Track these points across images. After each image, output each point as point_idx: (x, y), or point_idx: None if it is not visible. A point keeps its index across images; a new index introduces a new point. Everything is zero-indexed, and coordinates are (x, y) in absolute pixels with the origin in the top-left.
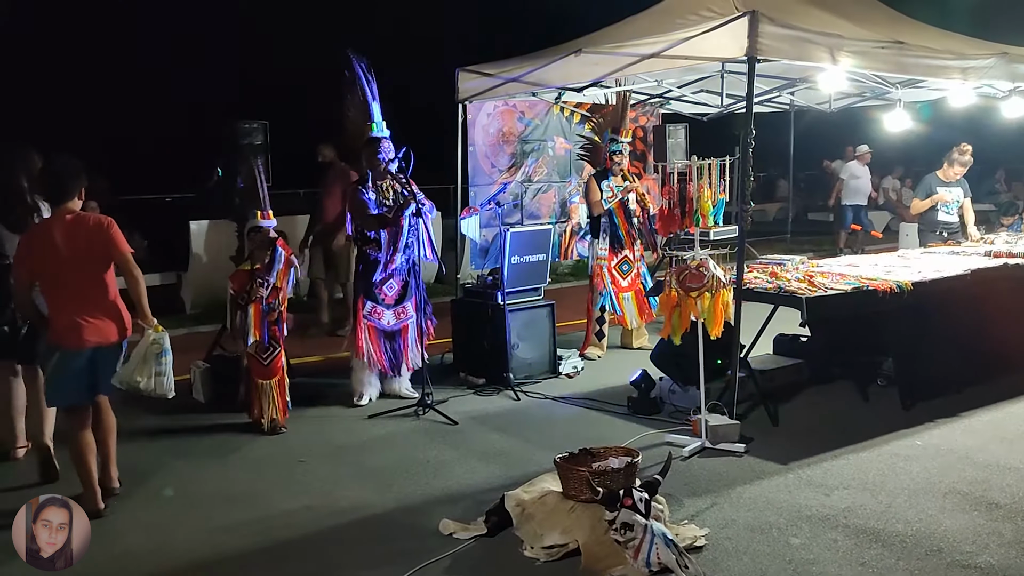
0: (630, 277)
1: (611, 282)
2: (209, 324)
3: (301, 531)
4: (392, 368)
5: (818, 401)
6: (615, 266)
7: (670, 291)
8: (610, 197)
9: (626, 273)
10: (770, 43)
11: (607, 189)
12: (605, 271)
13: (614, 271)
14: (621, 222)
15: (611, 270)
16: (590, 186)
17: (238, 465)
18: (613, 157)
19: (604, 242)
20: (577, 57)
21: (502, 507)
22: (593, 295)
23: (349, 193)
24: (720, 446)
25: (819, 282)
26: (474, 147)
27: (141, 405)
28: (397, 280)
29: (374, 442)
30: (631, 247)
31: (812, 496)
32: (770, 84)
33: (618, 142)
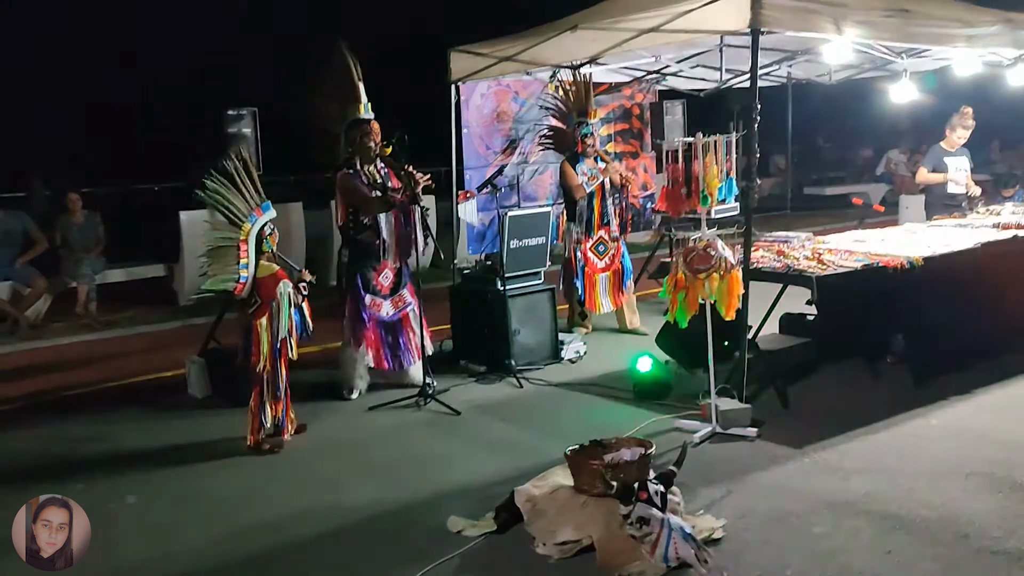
0: (607, 258)
1: (584, 264)
2: (203, 316)
3: (306, 532)
4: (396, 363)
5: (828, 381)
6: (591, 247)
7: (676, 273)
8: (591, 179)
9: (602, 254)
10: (773, 14)
11: (582, 173)
12: (580, 254)
13: (589, 252)
14: (597, 204)
15: (586, 252)
16: (566, 170)
17: (238, 464)
18: (585, 140)
19: (581, 225)
20: (573, 33)
21: (512, 503)
22: (565, 277)
23: (340, 180)
24: (731, 431)
25: (828, 259)
26: (468, 129)
27: (137, 404)
28: (391, 268)
29: (377, 435)
30: (607, 228)
31: (830, 481)
32: (769, 57)
33: (587, 124)
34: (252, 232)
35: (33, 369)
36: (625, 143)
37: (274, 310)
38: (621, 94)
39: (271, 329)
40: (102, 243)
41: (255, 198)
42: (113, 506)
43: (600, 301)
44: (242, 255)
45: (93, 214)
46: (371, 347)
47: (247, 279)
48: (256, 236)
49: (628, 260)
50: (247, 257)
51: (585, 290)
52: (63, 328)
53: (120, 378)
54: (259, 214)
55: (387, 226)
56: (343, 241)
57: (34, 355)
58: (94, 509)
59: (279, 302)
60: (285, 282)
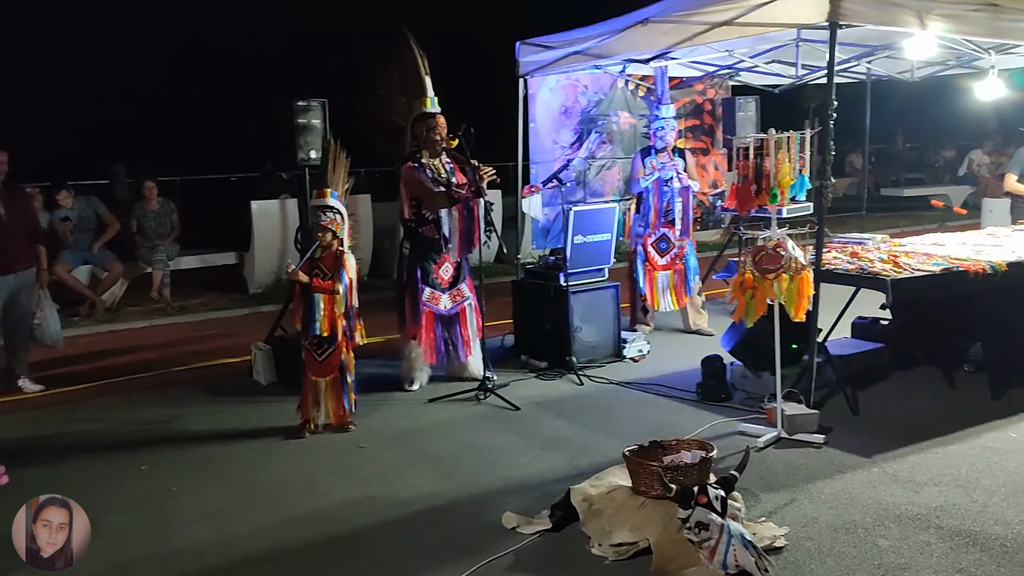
0: (668, 256)
1: (645, 259)
2: (271, 304)
3: (361, 522)
4: (447, 357)
5: (901, 388)
6: (653, 243)
7: (744, 272)
8: (647, 174)
9: (664, 251)
10: (853, 7)
11: (651, 167)
12: (640, 248)
13: (650, 248)
14: (654, 201)
15: (647, 247)
16: (634, 162)
17: (298, 451)
18: (657, 133)
19: (643, 219)
20: (644, 27)
21: (568, 501)
22: (629, 273)
23: (404, 173)
24: (797, 436)
25: (904, 262)
26: (535, 123)
27: (204, 389)
28: (451, 262)
29: (435, 428)
30: (671, 226)
31: (900, 493)
32: (848, 52)
33: (660, 118)
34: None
35: (107, 352)
36: (695, 140)
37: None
38: (692, 89)
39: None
40: (176, 230)
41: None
42: (176, 488)
43: (660, 298)
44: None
45: (168, 202)
46: (425, 340)
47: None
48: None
49: (695, 259)
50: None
51: (646, 285)
52: (137, 312)
53: (189, 363)
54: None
55: (449, 220)
56: (404, 234)
57: (109, 338)
58: (156, 490)
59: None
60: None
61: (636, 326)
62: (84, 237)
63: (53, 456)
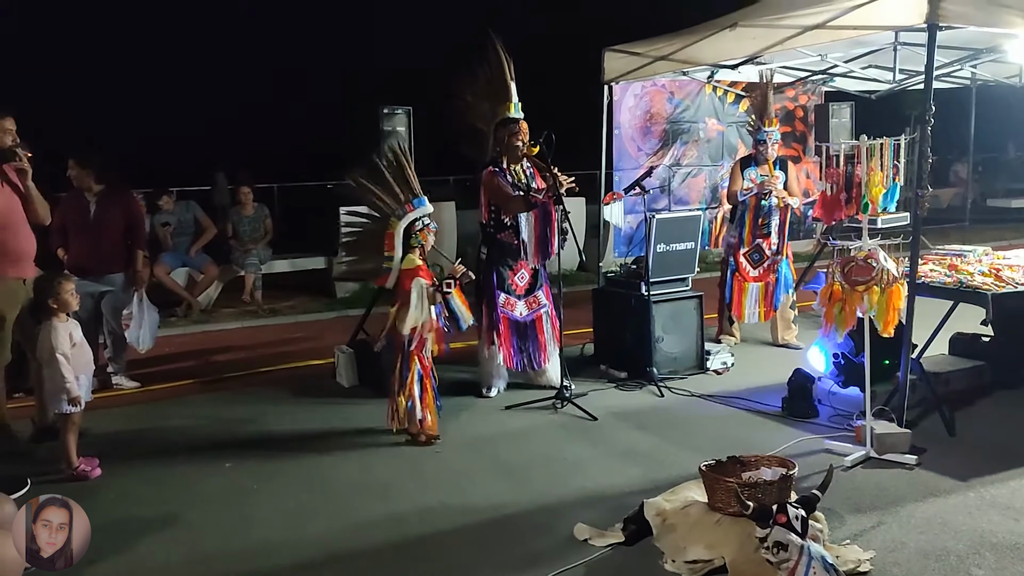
0: (761, 268)
1: (736, 270)
2: (358, 308)
3: (433, 528)
4: (524, 366)
5: (1002, 410)
6: (746, 253)
7: (832, 284)
8: (747, 189)
9: (757, 263)
10: (954, 7)
11: (748, 180)
12: (732, 259)
13: (742, 258)
14: (750, 215)
15: (738, 257)
16: (733, 173)
17: (376, 454)
18: (758, 146)
19: (736, 229)
20: (732, 31)
21: (641, 515)
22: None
23: (485, 177)
24: (887, 457)
25: (1007, 276)
26: (619, 130)
27: (289, 389)
28: (527, 269)
29: (510, 435)
30: (767, 239)
31: (997, 520)
32: (950, 56)
33: (762, 131)
34: (400, 226)
35: (201, 351)
36: (787, 147)
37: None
38: (783, 95)
39: (400, 319)
40: (269, 234)
41: (407, 193)
42: (256, 486)
43: (747, 310)
44: (387, 248)
45: (262, 207)
46: (503, 346)
47: (390, 271)
48: (405, 229)
49: (790, 272)
50: (392, 250)
51: (733, 295)
52: (230, 314)
53: (277, 363)
54: (410, 209)
55: (527, 226)
56: (482, 239)
57: (203, 338)
58: (237, 487)
59: (408, 298)
60: (419, 279)
61: (721, 336)
62: (183, 240)
63: (143, 451)
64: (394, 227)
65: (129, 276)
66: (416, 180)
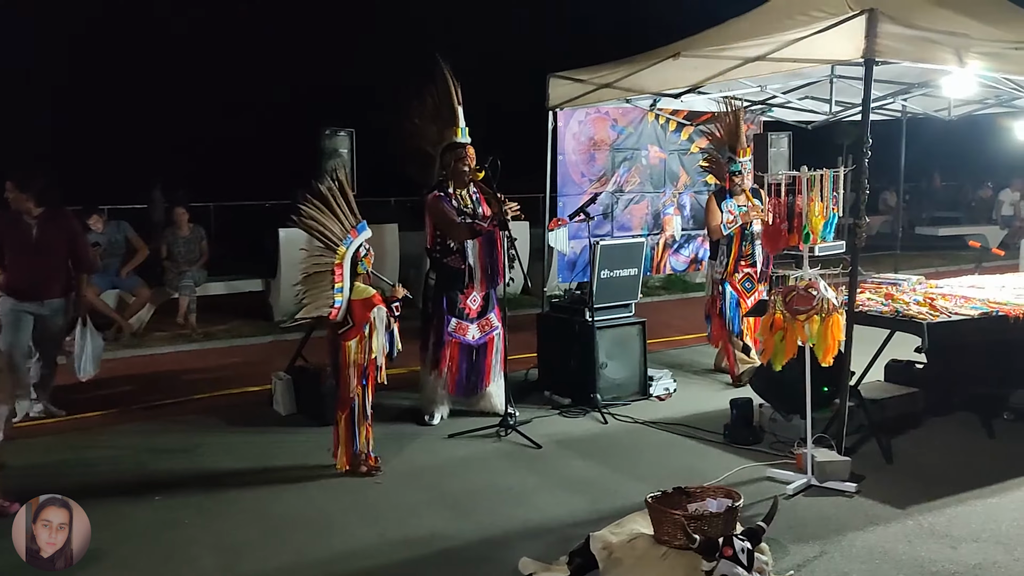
0: (754, 296)
1: (737, 296)
2: (295, 333)
3: (374, 562)
4: (466, 390)
5: (937, 436)
6: (739, 281)
7: (774, 313)
8: (730, 222)
9: (749, 291)
10: (890, 43)
11: (727, 212)
12: (728, 287)
13: (738, 286)
14: (735, 245)
15: (735, 285)
16: (709, 207)
17: (315, 486)
18: (733, 178)
19: (724, 260)
20: (675, 61)
21: (587, 548)
22: (722, 317)
23: (430, 202)
24: (828, 484)
25: (941, 306)
26: (563, 155)
27: (223, 417)
28: (479, 292)
29: (453, 465)
30: (753, 268)
31: (936, 549)
32: (883, 90)
33: (736, 162)
34: (347, 255)
35: (132, 377)
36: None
37: (366, 334)
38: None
39: (360, 352)
40: (205, 256)
41: (350, 220)
42: (188, 520)
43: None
44: (337, 279)
45: (198, 228)
46: (449, 372)
47: (341, 303)
48: (351, 258)
49: None
50: (342, 281)
51: (742, 324)
52: (163, 338)
53: (211, 390)
54: (354, 235)
55: (473, 252)
56: (430, 264)
57: (134, 363)
58: (168, 521)
59: (372, 326)
60: (379, 308)
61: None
62: (112, 262)
63: (67, 484)
64: (342, 256)
65: (71, 301)
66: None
